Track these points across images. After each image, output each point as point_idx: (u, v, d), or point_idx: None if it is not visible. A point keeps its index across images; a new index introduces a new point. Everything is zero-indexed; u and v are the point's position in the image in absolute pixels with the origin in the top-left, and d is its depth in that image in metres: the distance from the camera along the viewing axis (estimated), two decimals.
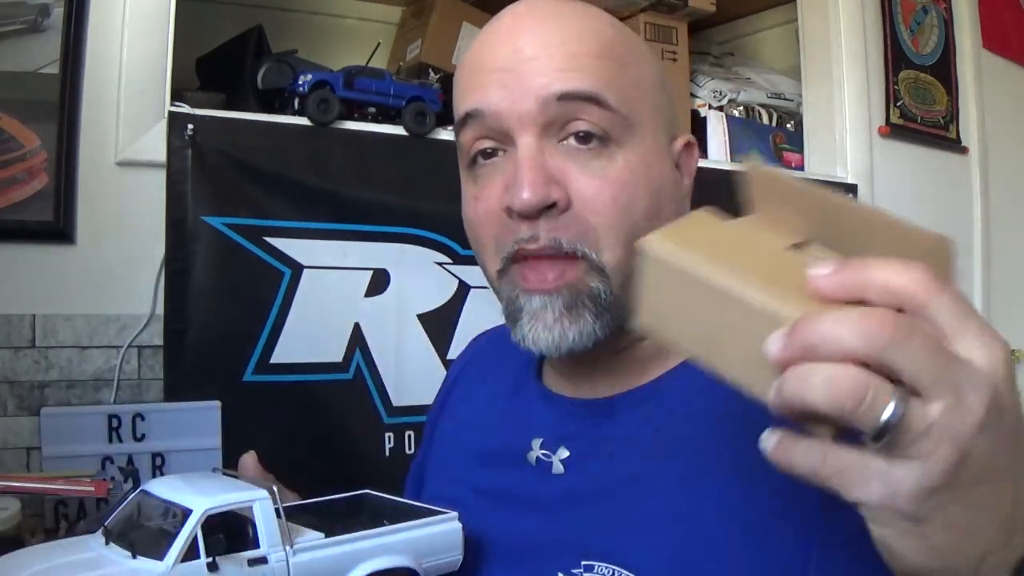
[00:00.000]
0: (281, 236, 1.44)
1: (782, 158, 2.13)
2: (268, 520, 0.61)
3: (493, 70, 0.69)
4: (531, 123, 0.67)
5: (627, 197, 0.68)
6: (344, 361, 1.50)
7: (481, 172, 0.71)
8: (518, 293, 0.70)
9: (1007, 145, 2.48)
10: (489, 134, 0.70)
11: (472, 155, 0.72)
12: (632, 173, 0.68)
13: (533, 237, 0.67)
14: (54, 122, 1.31)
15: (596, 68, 0.68)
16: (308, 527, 0.65)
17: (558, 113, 0.67)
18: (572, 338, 0.68)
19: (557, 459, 0.75)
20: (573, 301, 0.68)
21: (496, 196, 0.69)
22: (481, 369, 0.92)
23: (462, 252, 1.59)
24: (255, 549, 0.61)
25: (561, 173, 0.67)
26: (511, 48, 0.68)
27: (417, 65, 1.85)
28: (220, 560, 0.59)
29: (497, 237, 0.70)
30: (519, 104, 0.67)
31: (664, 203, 0.71)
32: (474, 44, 0.73)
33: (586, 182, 0.67)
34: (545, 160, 0.67)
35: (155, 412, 1.32)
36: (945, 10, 2.34)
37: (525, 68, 0.67)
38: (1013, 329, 2.49)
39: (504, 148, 0.70)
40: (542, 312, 0.68)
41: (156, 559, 0.58)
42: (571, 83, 0.67)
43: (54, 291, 1.31)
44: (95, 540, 0.62)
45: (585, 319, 0.68)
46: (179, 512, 0.60)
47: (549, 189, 0.66)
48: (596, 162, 0.68)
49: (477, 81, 0.70)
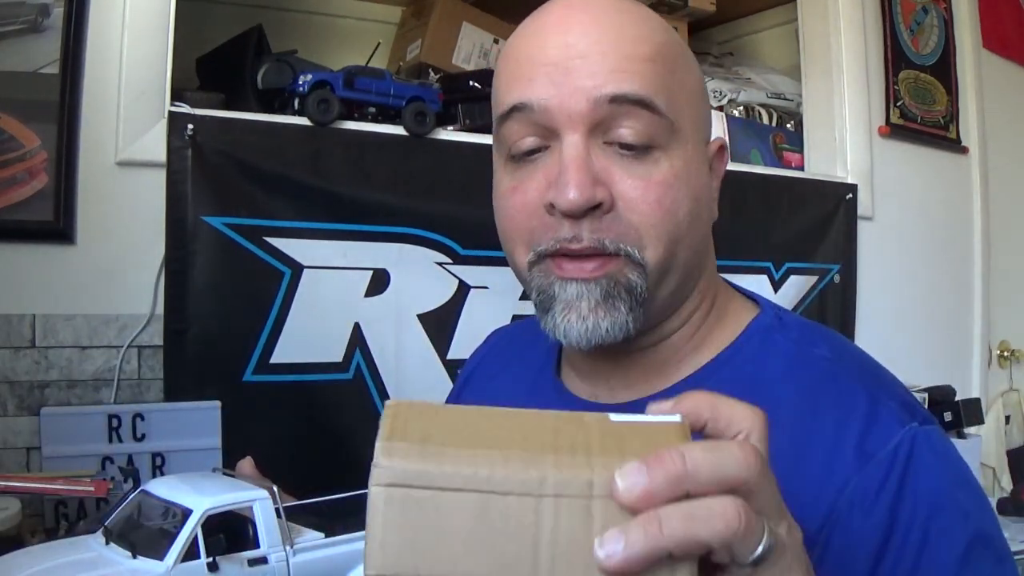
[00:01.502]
0: (281, 236, 1.44)
1: (782, 158, 2.13)
2: (268, 520, 0.62)
3: (542, 64, 0.67)
4: (580, 122, 0.66)
5: (671, 200, 0.67)
6: (344, 361, 1.50)
7: (522, 166, 0.70)
8: (552, 280, 0.69)
9: (1007, 145, 2.48)
10: (534, 130, 0.68)
11: (515, 150, 0.70)
12: (676, 177, 0.68)
13: (576, 237, 0.66)
14: (54, 122, 1.31)
15: (648, 72, 0.67)
16: (308, 527, 0.65)
17: (607, 114, 0.66)
18: (605, 329, 0.67)
19: None
20: (609, 291, 0.67)
21: (536, 190, 0.68)
22: (497, 366, 0.92)
23: (462, 252, 1.59)
24: (255, 549, 0.61)
25: (606, 173, 0.67)
26: (562, 42, 0.67)
27: (417, 65, 1.85)
28: (220, 560, 0.59)
29: (533, 230, 0.69)
30: (569, 102, 0.66)
31: (702, 207, 0.71)
32: (520, 33, 0.72)
33: (631, 184, 0.67)
34: (591, 160, 0.66)
35: (155, 412, 1.32)
36: (945, 10, 2.34)
37: (576, 65, 0.66)
38: (1013, 329, 2.49)
39: (547, 144, 0.69)
40: (577, 301, 0.67)
41: (156, 559, 0.58)
42: (624, 86, 0.66)
43: (54, 291, 1.31)
44: (95, 540, 0.62)
45: (620, 311, 0.67)
46: (179, 512, 0.60)
47: (595, 190, 0.66)
48: (641, 165, 0.67)
49: (525, 73, 0.68)
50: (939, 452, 0.67)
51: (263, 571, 0.61)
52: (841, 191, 2.09)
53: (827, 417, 0.67)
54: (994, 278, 2.43)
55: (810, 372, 0.70)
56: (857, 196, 2.10)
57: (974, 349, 2.41)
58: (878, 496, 0.63)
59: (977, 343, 2.40)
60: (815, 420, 0.67)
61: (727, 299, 0.78)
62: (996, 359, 2.46)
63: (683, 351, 0.75)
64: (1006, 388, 2.47)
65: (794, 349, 0.72)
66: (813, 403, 0.68)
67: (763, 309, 0.77)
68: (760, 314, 0.76)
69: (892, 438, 0.65)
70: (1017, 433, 2.43)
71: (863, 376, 0.71)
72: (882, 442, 0.65)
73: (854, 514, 0.63)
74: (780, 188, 1.99)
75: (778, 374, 0.71)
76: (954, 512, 0.64)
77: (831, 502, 0.63)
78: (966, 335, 2.40)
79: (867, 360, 0.75)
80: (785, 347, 0.72)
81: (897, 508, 0.63)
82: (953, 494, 0.65)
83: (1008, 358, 2.47)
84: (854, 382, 0.69)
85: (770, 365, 0.71)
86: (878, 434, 0.66)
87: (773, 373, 0.71)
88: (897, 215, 2.21)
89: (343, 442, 1.49)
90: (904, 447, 0.65)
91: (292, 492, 0.83)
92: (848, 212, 2.09)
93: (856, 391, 0.68)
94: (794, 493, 0.48)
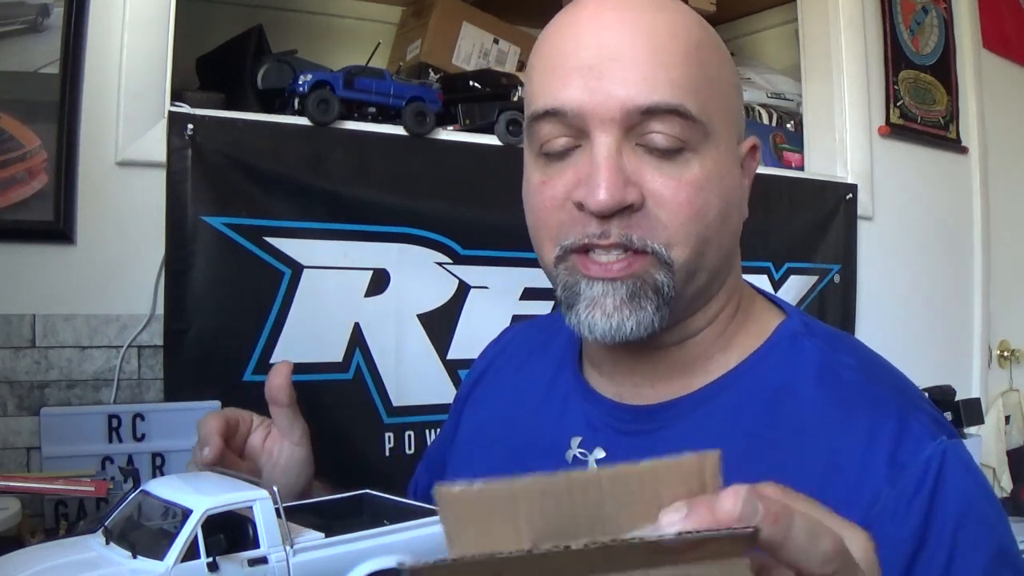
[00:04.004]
0: (281, 236, 1.44)
1: (782, 158, 2.13)
2: (268, 520, 0.61)
3: (576, 67, 0.67)
4: (612, 125, 0.66)
5: (701, 201, 0.68)
6: (344, 361, 1.50)
7: (553, 162, 0.70)
8: (578, 279, 0.69)
9: (1007, 145, 2.48)
10: (567, 131, 0.69)
11: (546, 148, 0.70)
12: (707, 179, 0.68)
13: (604, 233, 0.67)
14: (54, 122, 1.31)
15: (681, 77, 0.66)
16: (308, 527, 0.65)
17: (640, 120, 0.66)
18: (631, 327, 0.67)
19: (592, 459, 0.75)
20: (636, 291, 0.67)
21: (565, 186, 0.69)
22: (513, 364, 0.91)
23: (462, 252, 1.59)
24: (255, 549, 0.61)
25: (637, 174, 0.67)
26: (595, 42, 0.67)
27: (417, 65, 1.85)
28: (220, 560, 0.59)
29: (561, 225, 0.70)
30: (601, 108, 0.66)
31: (733, 208, 0.71)
32: (553, 28, 0.72)
33: (662, 183, 0.67)
34: (623, 161, 0.67)
35: (155, 412, 1.32)
36: (945, 10, 2.34)
37: (610, 69, 0.66)
38: (1013, 329, 2.49)
39: (579, 143, 0.69)
40: (602, 299, 0.68)
41: (156, 559, 0.58)
42: (655, 95, 0.66)
43: (54, 291, 1.31)
44: (95, 540, 0.62)
45: (646, 310, 0.68)
46: (179, 512, 0.60)
47: (626, 191, 0.66)
48: (672, 166, 0.67)
49: (558, 76, 0.68)
50: (967, 466, 0.68)
51: (263, 571, 0.61)
52: (841, 191, 2.09)
53: (859, 426, 0.67)
54: (994, 278, 2.43)
55: (841, 381, 0.70)
56: (857, 196, 2.10)
57: (974, 349, 2.40)
58: (911, 506, 0.64)
59: (977, 343, 2.40)
60: (847, 429, 0.67)
61: (751, 299, 0.78)
62: (996, 359, 2.46)
63: (710, 351, 0.74)
64: (1006, 388, 2.47)
65: (823, 357, 0.72)
66: (845, 412, 0.68)
67: (789, 315, 0.77)
68: (787, 319, 0.76)
69: (924, 450, 0.66)
70: (1017, 433, 2.43)
71: (893, 388, 0.71)
72: (914, 454, 0.65)
73: (886, 523, 0.63)
74: (780, 188, 1.99)
75: (810, 382, 0.70)
76: (981, 524, 0.65)
77: (864, 510, 0.63)
78: (966, 335, 2.39)
79: (895, 372, 0.75)
80: (814, 355, 0.72)
81: (929, 519, 0.63)
82: (980, 507, 0.66)
83: (1008, 358, 2.47)
84: (885, 393, 0.70)
85: (801, 372, 0.71)
86: (910, 446, 0.66)
87: (805, 380, 0.70)
88: (897, 215, 2.21)
89: (343, 442, 1.49)
90: (936, 460, 0.65)
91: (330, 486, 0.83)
92: (848, 212, 2.09)
93: (888, 402, 0.69)
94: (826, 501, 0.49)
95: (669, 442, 0.71)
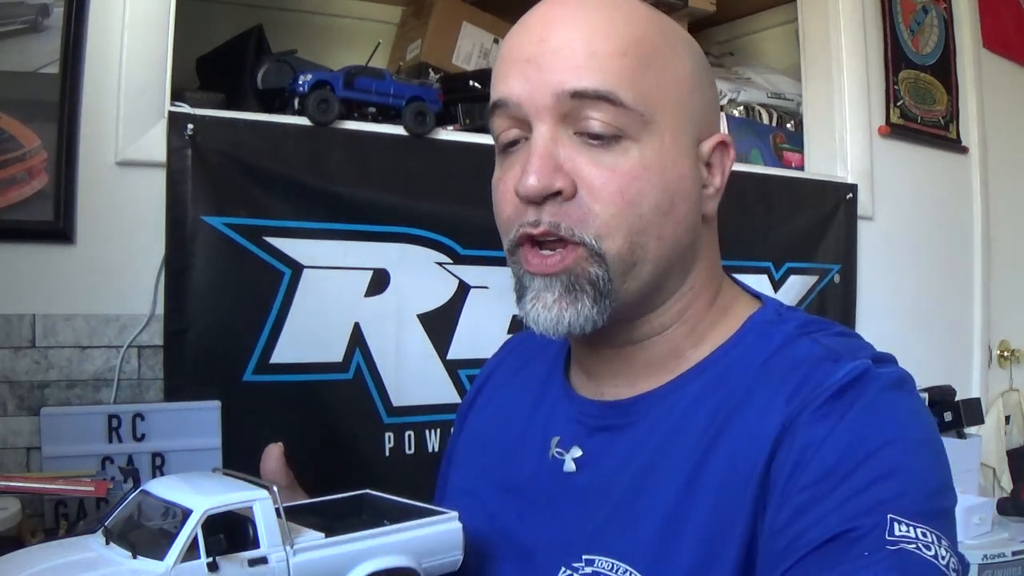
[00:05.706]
0: (281, 236, 1.44)
1: (782, 158, 2.13)
2: (268, 520, 0.61)
3: (519, 60, 0.70)
4: (547, 114, 0.69)
5: (635, 191, 0.69)
6: (344, 361, 1.50)
7: (507, 157, 0.74)
8: (523, 273, 0.72)
9: (1007, 145, 2.48)
10: (514, 123, 0.72)
11: (501, 142, 0.74)
12: (645, 169, 0.69)
13: (536, 222, 0.69)
14: (54, 122, 1.31)
15: (615, 67, 0.68)
16: (308, 527, 0.65)
17: (572, 108, 0.68)
18: (569, 320, 0.70)
19: (570, 457, 0.76)
20: (571, 285, 0.70)
21: (513, 179, 0.71)
22: (513, 367, 0.93)
23: (462, 252, 1.59)
24: (255, 549, 0.61)
25: (571, 163, 0.69)
26: (538, 38, 0.70)
27: (417, 65, 1.85)
28: (220, 560, 0.59)
29: (508, 218, 0.72)
30: (536, 96, 0.69)
31: (678, 201, 0.71)
32: (510, 31, 0.75)
33: (595, 172, 0.69)
34: (557, 149, 0.69)
35: (155, 412, 1.32)
36: (945, 10, 2.34)
37: (547, 60, 0.69)
38: (1013, 329, 2.49)
39: (527, 136, 0.71)
40: (543, 293, 0.71)
41: (156, 559, 0.58)
42: (585, 82, 0.68)
43: (54, 291, 1.31)
44: (95, 540, 0.62)
45: (583, 303, 0.69)
46: (179, 512, 0.60)
47: (554, 177, 0.68)
48: (608, 155, 0.69)
49: (506, 70, 0.72)
50: (896, 386, 0.68)
51: (263, 571, 0.61)
52: (841, 191, 2.09)
53: (795, 376, 0.68)
54: (994, 278, 2.43)
55: (789, 356, 0.71)
56: (857, 196, 2.10)
57: (974, 349, 2.41)
58: (828, 401, 0.65)
59: (977, 343, 2.41)
60: (787, 380, 0.68)
61: (732, 297, 0.78)
62: (996, 359, 2.46)
63: (682, 346, 0.75)
64: (1006, 388, 2.47)
65: (783, 340, 0.72)
66: (768, 374, 0.69)
67: (765, 304, 0.78)
68: (760, 309, 0.77)
69: (842, 369, 0.67)
70: (1017, 433, 2.44)
71: (838, 351, 0.70)
72: (830, 375, 0.67)
73: (804, 421, 0.65)
74: (780, 188, 1.99)
75: (759, 362, 0.71)
76: (898, 455, 0.65)
77: (775, 437, 0.65)
78: (966, 335, 2.40)
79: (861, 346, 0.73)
80: (777, 339, 0.73)
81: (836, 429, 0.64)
82: (897, 435, 0.66)
83: (1008, 358, 2.47)
84: (823, 357, 0.69)
85: (756, 356, 0.72)
86: (824, 371, 0.67)
87: (754, 362, 0.71)
88: (897, 215, 2.21)
89: (343, 442, 1.50)
90: (852, 374, 0.66)
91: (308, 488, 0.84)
92: (848, 212, 2.09)
93: (819, 358, 0.69)
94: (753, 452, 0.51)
95: (641, 435, 0.73)
